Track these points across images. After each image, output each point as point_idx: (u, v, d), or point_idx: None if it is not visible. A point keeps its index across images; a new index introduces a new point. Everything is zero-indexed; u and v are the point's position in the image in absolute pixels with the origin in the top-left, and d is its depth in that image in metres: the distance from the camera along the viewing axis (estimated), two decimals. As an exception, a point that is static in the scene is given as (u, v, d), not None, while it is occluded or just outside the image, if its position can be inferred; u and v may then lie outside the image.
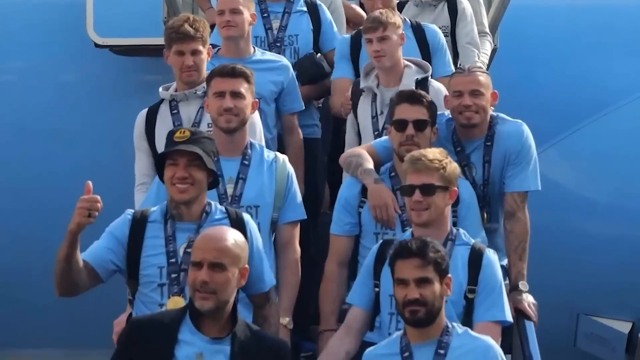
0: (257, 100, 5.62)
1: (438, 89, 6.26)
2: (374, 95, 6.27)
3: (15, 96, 9.03)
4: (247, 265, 4.52)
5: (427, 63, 6.53)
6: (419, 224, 5.10)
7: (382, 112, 6.26)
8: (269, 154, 5.58)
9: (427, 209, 5.11)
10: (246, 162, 5.49)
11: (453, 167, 5.19)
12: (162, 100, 6.03)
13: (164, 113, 5.96)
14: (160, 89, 6.05)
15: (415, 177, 5.12)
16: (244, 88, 5.43)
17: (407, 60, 6.37)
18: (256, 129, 5.81)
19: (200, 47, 5.89)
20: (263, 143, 5.81)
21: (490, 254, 5.16)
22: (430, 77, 6.43)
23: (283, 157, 5.61)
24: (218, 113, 5.42)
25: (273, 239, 5.59)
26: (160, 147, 5.65)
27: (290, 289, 5.51)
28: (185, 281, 4.87)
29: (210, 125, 5.74)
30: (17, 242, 8.61)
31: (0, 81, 9.02)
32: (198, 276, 4.41)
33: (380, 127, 6.20)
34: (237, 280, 4.48)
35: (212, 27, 6.52)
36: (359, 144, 6.33)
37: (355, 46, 6.74)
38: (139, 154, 6.08)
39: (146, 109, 6.10)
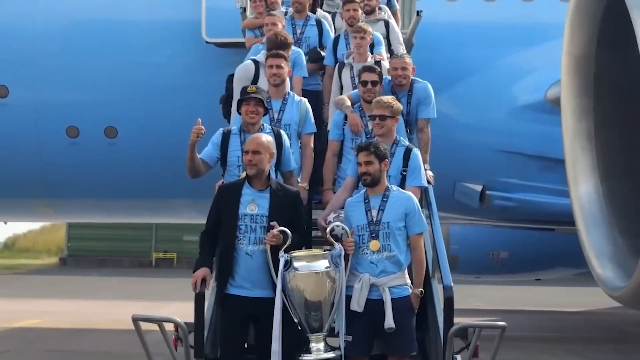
0: (290, 69, 7.19)
1: (384, 65, 7.73)
2: (351, 67, 7.81)
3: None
4: (273, 152, 6.03)
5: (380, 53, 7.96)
6: (378, 135, 6.48)
7: (356, 76, 7.61)
8: (297, 97, 7.11)
9: (383, 127, 6.46)
10: (285, 102, 7.02)
11: (398, 105, 6.57)
12: (258, 62, 7.49)
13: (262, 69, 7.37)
14: (259, 55, 7.52)
15: (377, 110, 6.52)
16: (283, 63, 7.03)
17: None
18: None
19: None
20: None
21: (416, 151, 6.57)
22: (381, 61, 7.77)
23: (304, 100, 7.13)
24: (270, 76, 7.06)
25: (299, 143, 7.04)
26: (263, 85, 7.09)
27: (308, 167, 6.98)
28: None
29: None
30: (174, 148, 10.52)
31: (157, 64, 12.01)
32: (246, 157, 5.96)
33: (356, 85, 7.42)
34: (267, 159, 5.95)
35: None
36: (340, 94, 7.62)
37: (335, 42, 8.36)
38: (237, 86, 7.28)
39: (251, 61, 7.53)
